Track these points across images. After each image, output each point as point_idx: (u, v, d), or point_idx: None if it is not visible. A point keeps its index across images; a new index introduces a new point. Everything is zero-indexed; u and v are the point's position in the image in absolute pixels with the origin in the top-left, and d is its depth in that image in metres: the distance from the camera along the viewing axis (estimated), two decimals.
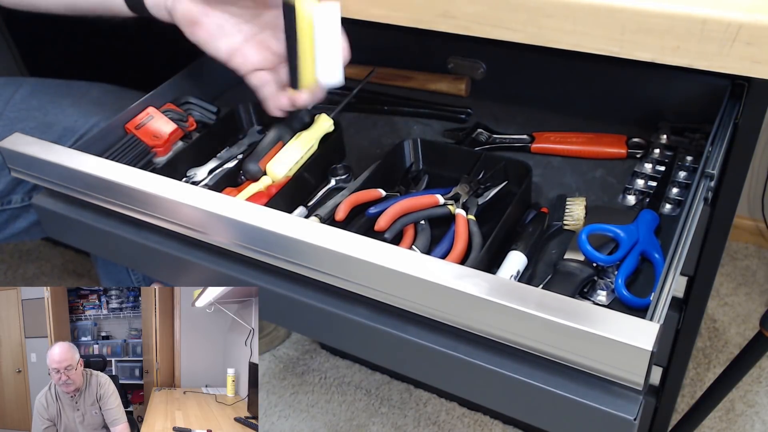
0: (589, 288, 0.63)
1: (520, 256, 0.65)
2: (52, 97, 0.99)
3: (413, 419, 1.39)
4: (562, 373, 0.51)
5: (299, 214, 0.76)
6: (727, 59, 0.56)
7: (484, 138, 0.84)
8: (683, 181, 0.71)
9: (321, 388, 1.47)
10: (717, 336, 1.49)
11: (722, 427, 1.32)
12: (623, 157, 0.78)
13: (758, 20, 0.53)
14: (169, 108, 0.84)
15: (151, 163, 0.81)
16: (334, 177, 0.80)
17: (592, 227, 0.64)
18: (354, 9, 0.72)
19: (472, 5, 0.64)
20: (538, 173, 0.78)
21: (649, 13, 0.57)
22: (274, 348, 1.56)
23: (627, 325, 0.46)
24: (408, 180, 0.79)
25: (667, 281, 0.52)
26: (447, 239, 0.70)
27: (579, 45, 0.62)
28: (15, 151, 0.71)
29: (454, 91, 0.91)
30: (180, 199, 0.62)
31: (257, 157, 0.77)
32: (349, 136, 0.86)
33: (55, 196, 0.75)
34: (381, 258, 0.53)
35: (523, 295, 0.49)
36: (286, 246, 0.58)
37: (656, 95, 0.79)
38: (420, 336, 0.57)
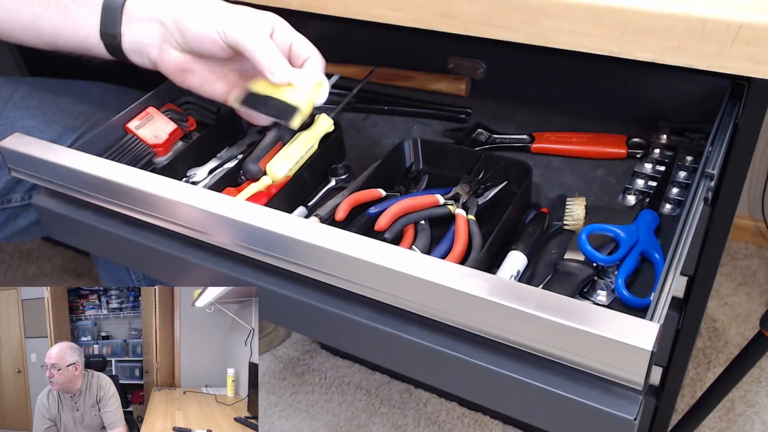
0: (589, 288, 0.63)
1: (520, 256, 0.65)
2: (52, 97, 0.99)
3: (413, 419, 1.39)
4: (562, 373, 0.51)
5: (299, 214, 0.76)
6: (727, 59, 0.56)
7: (484, 138, 0.84)
8: (683, 181, 0.71)
9: (321, 388, 1.47)
10: (717, 336, 1.49)
11: (722, 427, 1.32)
12: (623, 157, 0.78)
13: (758, 20, 0.53)
14: (169, 108, 0.84)
15: (151, 163, 0.81)
16: (334, 177, 0.80)
17: (592, 227, 0.64)
18: (354, 9, 0.72)
19: (472, 5, 0.64)
20: (538, 173, 0.78)
21: (650, 13, 0.57)
22: (274, 348, 1.56)
23: (627, 325, 0.46)
24: (408, 180, 0.79)
25: (667, 281, 0.52)
26: (447, 239, 0.70)
27: (579, 45, 0.62)
28: (15, 150, 0.71)
29: (454, 91, 0.91)
30: (180, 199, 0.62)
31: (257, 157, 0.77)
32: (349, 136, 0.86)
33: (55, 196, 0.75)
34: (381, 258, 0.53)
35: (523, 295, 0.49)
36: (286, 246, 0.58)
37: (656, 95, 0.79)
38: (420, 336, 0.56)
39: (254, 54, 0.67)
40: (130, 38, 0.72)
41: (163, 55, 0.72)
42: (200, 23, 0.68)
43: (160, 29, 0.70)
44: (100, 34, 0.72)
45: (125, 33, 0.72)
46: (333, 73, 0.83)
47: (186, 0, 0.70)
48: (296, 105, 0.70)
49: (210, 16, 0.68)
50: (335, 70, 0.92)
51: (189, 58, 0.72)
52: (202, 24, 0.68)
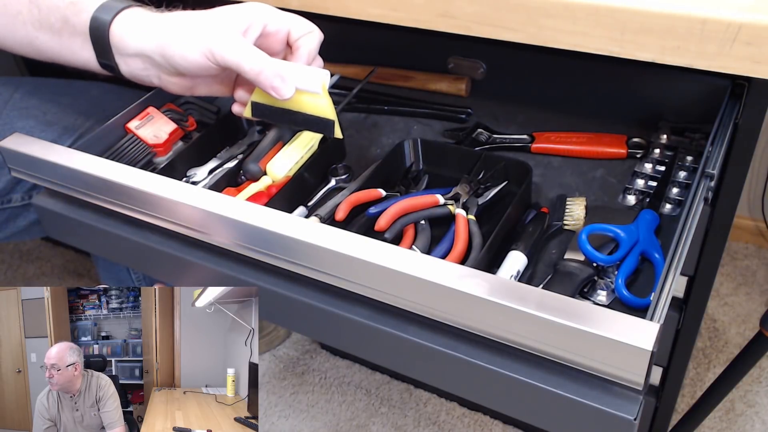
0: (589, 288, 0.63)
1: (520, 256, 0.65)
2: (52, 97, 0.99)
3: (413, 419, 1.39)
4: (562, 373, 0.51)
5: (299, 214, 0.76)
6: (727, 59, 0.56)
7: (484, 138, 0.84)
8: (683, 181, 0.71)
9: (321, 388, 1.47)
10: (717, 336, 1.49)
11: (722, 427, 1.32)
12: (623, 157, 0.78)
13: (758, 20, 0.53)
14: (169, 108, 0.84)
15: (151, 163, 0.81)
16: (334, 177, 0.80)
17: (592, 227, 0.64)
18: (354, 9, 0.72)
19: (472, 5, 0.64)
20: (538, 173, 0.78)
21: (650, 13, 0.57)
22: (274, 348, 1.56)
23: (627, 325, 0.46)
24: (408, 180, 0.79)
25: (667, 281, 0.52)
26: (447, 239, 0.70)
27: (579, 45, 0.62)
28: (15, 150, 0.71)
29: (454, 91, 0.91)
30: (180, 199, 0.62)
31: (257, 157, 0.77)
32: (349, 136, 0.86)
33: (55, 195, 0.75)
34: (381, 258, 0.53)
35: (523, 295, 0.49)
36: (286, 246, 0.58)
37: (656, 95, 0.79)
38: (420, 336, 0.56)
39: (252, 76, 0.64)
40: (126, 71, 0.70)
41: (164, 83, 0.71)
42: (186, 52, 0.65)
43: (150, 62, 0.68)
44: (98, 63, 0.71)
45: (120, 65, 0.70)
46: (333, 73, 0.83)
47: (167, 25, 0.66)
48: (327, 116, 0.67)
49: (194, 39, 0.65)
50: (335, 70, 0.92)
51: (188, 78, 0.70)
52: (188, 51, 0.65)
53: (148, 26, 0.67)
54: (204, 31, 0.65)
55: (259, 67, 0.63)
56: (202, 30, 0.65)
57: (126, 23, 0.67)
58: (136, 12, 0.68)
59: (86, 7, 0.68)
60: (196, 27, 0.65)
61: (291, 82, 0.65)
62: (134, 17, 0.68)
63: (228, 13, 0.66)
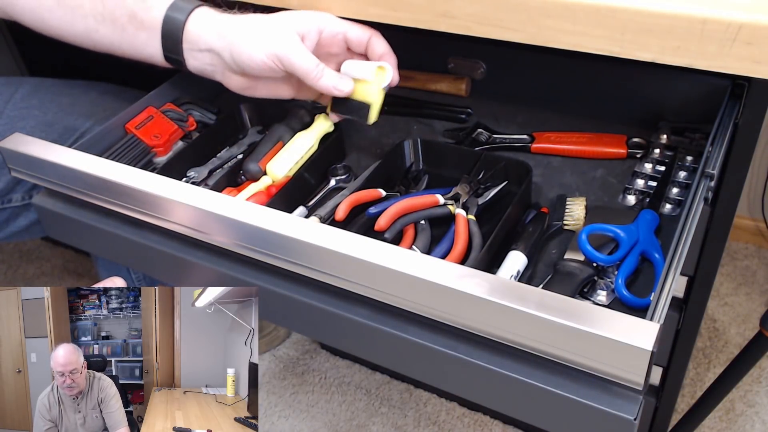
0: (589, 288, 0.63)
1: (520, 256, 0.65)
2: (53, 97, 0.99)
3: (413, 419, 1.39)
4: (562, 373, 0.51)
5: (299, 214, 0.76)
6: (727, 59, 0.56)
7: (484, 138, 0.84)
8: (683, 181, 0.71)
9: (321, 388, 1.47)
10: (717, 336, 1.49)
11: (722, 427, 1.32)
12: (623, 157, 0.78)
13: (758, 20, 0.53)
14: (169, 108, 0.84)
15: (151, 163, 0.81)
16: (334, 177, 0.80)
17: (592, 227, 0.64)
18: (353, 9, 0.72)
19: (472, 5, 0.64)
20: (538, 173, 0.78)
21: (650, 13, 0.57)
22: (274, 348, 1.56)
23: (627, 325, 0.46)
24: (408, 180, 0.79)
25: (667, 281, 0.52)
26: (447, 239, 0.70)
27: (579, 45, 0.62)
28: (15, 150, 0.71)
29: (454, 91, 0.91)
30: (180, 199, 0.62)
31: (257, 157, 0.77)
32: (349, 136, 0.86)
33: (55, 195, 0.75)
34: (381, 258, 0.53)
35: (523, 295, 0.49)
36: (286, 246, 0.58)
37: (656, 95, 0.79)
38: (420, 336, 0.57)
39: (313, 82, 0.70)
40: (194, 65, 0.75)
41: (226, 79, 0.75)
42: (252, 53, 0.69)
43: (218, 59, 0.73)
44: (164, 57, 0.75)
45: (188, 59, 0.74)
46: None
47: (237, 26, 0.71)
48: (368, 102, 0.73)
49: (260, 42, 0.69)
50: None
51: (251, 78, 0.74)
52: (254, 53, 0.69)
53: (219, 25, 0.72)
54: (269, 33, 0.70)
55: (318, 74, 0.70)
56: (267, 32, 0.70)
57: (199, 21, 0.72)
58: (206, 11, 0.73)
59: (156, 4, 0.73)
60: (263, 31, 0.70)
61: (348, 78, 0.72)
62: (206, 16, 0.73)
63: (288, 19, 0.71)
